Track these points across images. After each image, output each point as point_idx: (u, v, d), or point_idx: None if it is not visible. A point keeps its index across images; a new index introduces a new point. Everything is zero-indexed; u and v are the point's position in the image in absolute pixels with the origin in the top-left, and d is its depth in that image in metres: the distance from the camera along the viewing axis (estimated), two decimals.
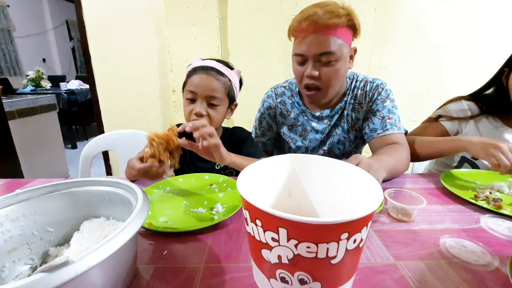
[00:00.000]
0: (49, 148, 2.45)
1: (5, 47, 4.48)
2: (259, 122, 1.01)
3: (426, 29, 1.59)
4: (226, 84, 0.81)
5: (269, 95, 0.99)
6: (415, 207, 0.56)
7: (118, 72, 1.72)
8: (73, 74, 5.61)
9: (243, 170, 0.40)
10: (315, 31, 0.73)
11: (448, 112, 0.94)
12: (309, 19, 0.72)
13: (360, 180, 0.40)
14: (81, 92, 3.66)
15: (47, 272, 0.25)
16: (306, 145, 0.95)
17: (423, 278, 0.41)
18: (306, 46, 0.76)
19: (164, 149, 0.58)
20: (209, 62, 0.81)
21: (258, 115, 1.01)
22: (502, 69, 0.86)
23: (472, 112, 0.91)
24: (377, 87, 0.87)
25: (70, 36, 5.80)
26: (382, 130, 0.84)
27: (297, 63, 0.81)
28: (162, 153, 0.57)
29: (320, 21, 0.71)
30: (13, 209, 0.42)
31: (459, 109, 0.93)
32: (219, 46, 1.56)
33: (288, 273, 0.32)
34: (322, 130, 0.93)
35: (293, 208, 0.46)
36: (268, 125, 0.99)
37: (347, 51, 0.77)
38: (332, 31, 0.73)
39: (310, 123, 0.94)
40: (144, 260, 0.45)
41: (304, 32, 0.75)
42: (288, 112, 0.96)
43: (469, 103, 0.92)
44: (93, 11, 1.64)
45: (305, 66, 0.79)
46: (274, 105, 0.97)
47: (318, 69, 0.77)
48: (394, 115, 0.84)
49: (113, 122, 1.82)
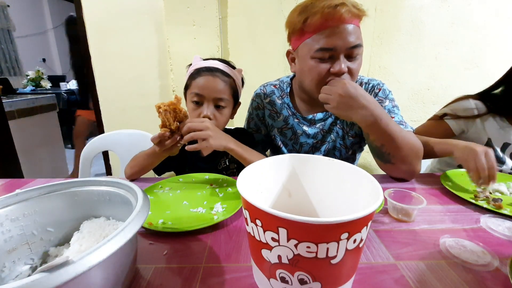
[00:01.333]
0: (49, 148, 2.45)
1: (5, 47, 4.48)
2: (247, 122, 0.97)
3: (426, 29, 1.59)
4: (231, 84, 0.79)
5: (258, 94, 0.93)
6: (415, 207, 0.56)
7: (118, 72, 1.72)
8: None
9: (243, 170, 0.40)
10: (347, 21, 0.65)
11: (454, 111, 0.94)
12: (340, 9, 0.63)
13: (360, 180, 0.40)
14: None
15: (47, 272, 0.25)
16: (297, 149, 0.90)
17: (423, 278, 0.41)
18: (338, 38, 0.66)
19: (173, 119, 0.63)
20: (212, 62, 0.79)
21: (247, 115, 0.98)
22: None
23: (479, 111, 0.90)
24: (373, 88, 0.81)
25: None
26: None
27: (319, 60, 0.70)
28: (171, 122, 0.63)
29: (352, 10, 0.64)
30: (13, 209, 0.42)
31: (466, 107, 0.92)
32: (219, 46, 1.56)
33: (288, 273, 0.32)
34: (313, 134, 0.87)
35: (293, 208, 0.46)
36: (256, 127, 0.95)
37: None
38: (358, 21, 0.67)
39: (301, 126, 0.87)
40: (144, 260, 0.45)
41: (337, 22, 0.65)
42: (277, 114, 0.89)
43: (477, 102, 0.92)
44: (93, 11, 1.63)
45: (328, 62, 0.69)
46: (262, 106, 0.92)
47: (346, 64, 0.69)
48: (396, 115, 0.77)
49: (113, 122, 1.82)
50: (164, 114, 0.61)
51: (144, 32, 1.65)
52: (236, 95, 0.83)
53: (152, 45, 1.67)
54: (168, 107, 0.62)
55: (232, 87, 0.80)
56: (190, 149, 0.65)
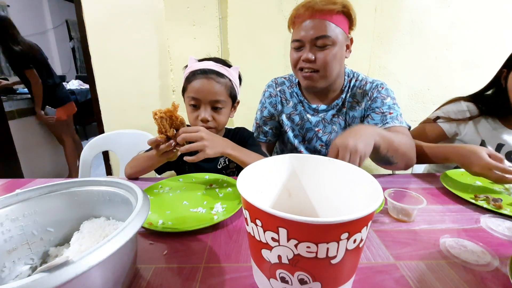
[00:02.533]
0: (49, 148, 2.45)
1: None
2: (260, 112, 1.02)
3: (426, 29, 1.59)
4: (227, 85, 0.80)
5: (270, 85, 1.02)
6: (415, 207, 0.56)
7: (118, 72, 1.72)
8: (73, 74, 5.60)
9: (243, 170, 0.40)
10: (311, 16, 0.77)
11: (447, 113, 0.94)
12: (306, 6, 0.77)
13: (360, 180, 0.40)
14: (81, 92, 3.65)
15: (47, 272, 0.25)
16: (303, 134, 0.98)
17: (423, 278, 0.41)
18: (303, 31, 0.78)
19: (169, 125, 0.63)
20: (207, 64, 0.79)
21: (260, 106, 1.03)
22: (501, 70, 0.85)
23: (471, 113, 0.90)
24: (377, 87, 0.87)
25: (70, 36, 5.80)
26: (382, 123, 0.83)
27: (294, 50, 0.84)
28: (168, 128, 0.63)
29: (316, 6, 0.75)
30: (13, 209, 0.42)
31: (458, 110, 0.93)
32: (219, 46, 1.56)
33: (288, 273, 0.32)
34: (315, 123, 0.95)
35: (293, 208, 0.46)
36: (270, 114, 1.01)
37: (342, 38, 0.79)
38: (328, 16, 0.76)
39: (306, 113, 0.96)
40: (144, 260, 0.45)
41: (302, 18, 0.78)
42: (287, 100, 0.99)
43: (468, 104, 0.92)
44: (93, 11, 1.63)
45: (301, 51, 0.82)
46: (275, 93, 1.00)
47: (314, 53, 0.79)
48: (395, 111, 0.84)
49: (113, 122, 1.82)
50: (160, 120, 0.61)
51: (144, 32, 1.65)
52: (233, 94, 0.83)
53: (152, 45, 1.67)
54: (164, 114, 0.61)
55: (229, 87, 0.80)
56: (188, 160, 0.66)
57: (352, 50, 0.85)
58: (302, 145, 0.99)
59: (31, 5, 4.91)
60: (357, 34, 0.86)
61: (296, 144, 0.98)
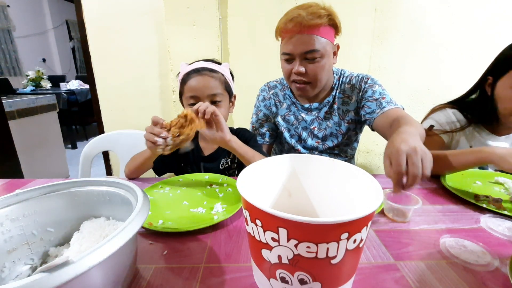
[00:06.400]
0: (49, 148, 2.45)
1: (5, 47, 4.48)
2: (256, 115, 1.05)
3: (426, 29, 1.59)
4: (221, 79, 0.83)
5: (263, 89, 1.06)
6: (410, 208, 0.56)
7: (118, 72, 1.72)
8: (73, 74, 5.61)
9: (243, 170, 0.40)
10: (300, 31, 0.79)
11: (440, 123, 0.91)
12: (294, 21, 0.78)
13: (360, 180, 0.40)
14: (81, 92, 3.65)
15: (47, 272, 0.25)
16: (299, 133, 1.01)
17: (423, 278, 0.41)
18: (292, 46, 0.81)
19: (179, 125, 0.61)
20: (198, 63, 0.82)
21: (255, 110, 1.06)
22: (485, 77, 0.83)
23: (461, 123, 0.89)
24: (362, 79, 0.92)
25: (70, 36, 5.80)
26: (379, 109, 0.86)
27: (285, 61, 0.88)
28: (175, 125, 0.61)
29: (304, 22, 0.77)
30: (13, 209, 0.42)
31: (448, 121, 0.91)
32: (219, 46, 1.56)
33: (288, 273, 0.32)
34: (310, 121, 0.99)
35: (293, 208, 0.46)
36: (265, 116, 1.04)
37: (330, 48, 0.83)
38: (315, 30, 0.79)
39: (300, 113, 1.00)
40: (144, 260, 0.45)
41: (290, 33, 0.81)
42: (280, 103, 1.02)
43: (455, 112, 0.90)
44: (93, 11, 1.63)
45: (292, 63, 0.85)
46: (268, 96, 1.03)
47: (305, 65, 0.83)
48: (386, 95, 0.88)
49: (113, 122, 1.82)
50: (179, 118, 0.61)
51: (144, 32, 1.65)
52: (228, 88, 0.85)
53: (152, 45, 1.67)
54: (188, 116, 0.61)
55: (223, 81, 0.83)
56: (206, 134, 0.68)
57: (352, 50, 0.86)
58: (299, 144, 1.02)
59: (31, 5, 4.91)
60: (357, 34, 0.86)
61: (293, 144, 1.01)
